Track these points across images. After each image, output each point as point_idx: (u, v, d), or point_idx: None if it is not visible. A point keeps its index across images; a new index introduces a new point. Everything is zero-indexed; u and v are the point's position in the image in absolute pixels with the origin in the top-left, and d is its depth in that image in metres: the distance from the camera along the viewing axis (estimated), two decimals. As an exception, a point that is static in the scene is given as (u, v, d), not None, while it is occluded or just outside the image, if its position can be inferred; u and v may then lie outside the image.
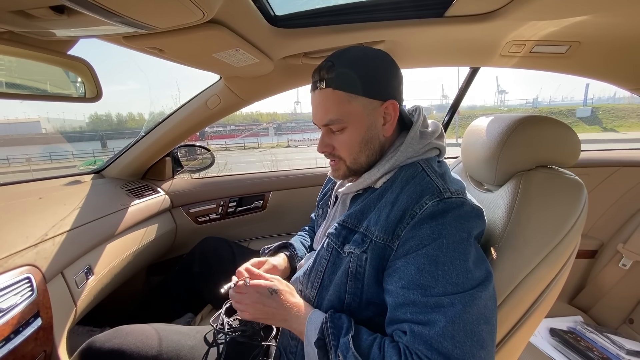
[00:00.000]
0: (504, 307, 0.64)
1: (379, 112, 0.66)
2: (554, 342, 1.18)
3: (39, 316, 0.70)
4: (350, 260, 0.62)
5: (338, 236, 0.66)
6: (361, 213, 0.66)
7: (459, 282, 0.53)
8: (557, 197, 0.68)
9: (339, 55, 0.66)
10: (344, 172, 0.71)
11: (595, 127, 31.85)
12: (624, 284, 1.35)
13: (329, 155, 0.71)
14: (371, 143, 0.67)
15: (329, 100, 0.65)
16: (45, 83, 0.75)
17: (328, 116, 0.66)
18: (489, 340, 0.52)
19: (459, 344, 0.49)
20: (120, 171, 1.35)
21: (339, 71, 0.64)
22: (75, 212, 0.94)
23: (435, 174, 0.63)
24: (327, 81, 0.64)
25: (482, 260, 0.58)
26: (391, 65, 0.67)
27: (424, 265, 0.54)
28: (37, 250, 0.75)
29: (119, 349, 0.69)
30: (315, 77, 0.67)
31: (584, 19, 0.84)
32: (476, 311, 0.52)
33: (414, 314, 0.53)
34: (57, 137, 47.94)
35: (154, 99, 5.57)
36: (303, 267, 0.73)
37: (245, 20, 0.73)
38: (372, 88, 0.64)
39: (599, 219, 1.48)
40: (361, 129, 0.66)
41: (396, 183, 0.64)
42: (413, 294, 0.54)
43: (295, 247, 0.92)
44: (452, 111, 1.61)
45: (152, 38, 0.69)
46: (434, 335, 0.50)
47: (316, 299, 0.66)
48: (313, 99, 0.68)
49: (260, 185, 1.54)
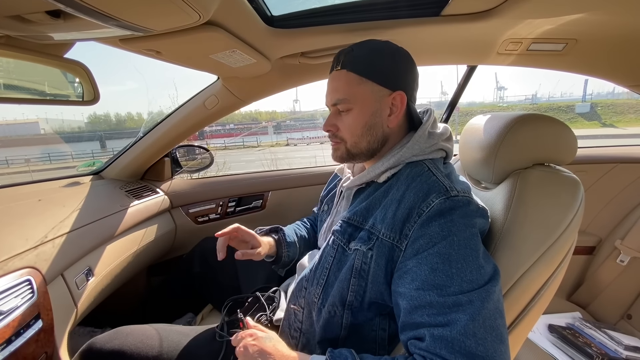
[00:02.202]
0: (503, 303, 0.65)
1: (387, 101, 0.67)
2: (553, 338, 1.19)
3: (40, 318, 0.70)
4: (355, 257, 0.62)
5: (344, 233, 0.66)
6: (367, 210, 0.66)
7: (473, 279, 0.53)
8: (554, 195, 0.69)
9: (361, 43, 0.69)
10: (342, 154, 0.72)
11: (595, 122, 31.81)
12: (621, 280, 1.36)
13: (332, 136, 0.73)
14: (374, 130, 0.68)
15: (341, 80, 0.68)
16: (43, 85, 0.75)
17: (337, 95, 0.68)
18: (505, 334, 0.52)
19: (481, 340, 0.49)
20: (119, 172, 1.35)
21: (356, 55, 0.67)
22: (74, 214, 0.95)
23: (441, 174, 0.63)
24: (342, 63, 0.68)
25: (488, 255, 0.59)
26: (408, 62, 0.70)
27: (437, 264, 0.54)
28: (37, 252, 0.76)
29: (119, 349, 0.69)
30: (335, 61, 0.71)
31: (580, 16, 0.84)
32: (492, 306, 0.52)
33: (431, 316, 0.52)
34: (56, 138, 47.83)
35: (153, 99, 5.55)
36: (309, 265, 0.73)
37: (241, 21, 0.73)
38: (383, 76, 0.66)
39: (597, 216, 1.49)
40: (366, 113, 0.67)
41: (401, 180, 0.64)
42: (429, 295, 0.53)
43: (286, 232, 0.92)
44: (451, 108, 1.62)
45: (148, 40, 0.69)
46: (456, 335, 0.49)
47: (321, 296, 0.66)
48: (328, 81, 0.72)
49: (260, 185, 1.54)
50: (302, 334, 0.70)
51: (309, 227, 1.03)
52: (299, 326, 0.71)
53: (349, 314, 0.63)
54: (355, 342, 0.63)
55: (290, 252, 0.91)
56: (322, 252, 0.70)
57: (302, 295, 0.71)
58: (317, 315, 0.67)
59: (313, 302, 0.67)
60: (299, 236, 0.96)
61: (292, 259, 0.93)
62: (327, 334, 0.65)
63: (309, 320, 0.69)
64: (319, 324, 0.66)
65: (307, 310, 0.70)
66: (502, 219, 0.69)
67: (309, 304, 0.69)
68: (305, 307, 0.70)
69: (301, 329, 0.71)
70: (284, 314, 0.76)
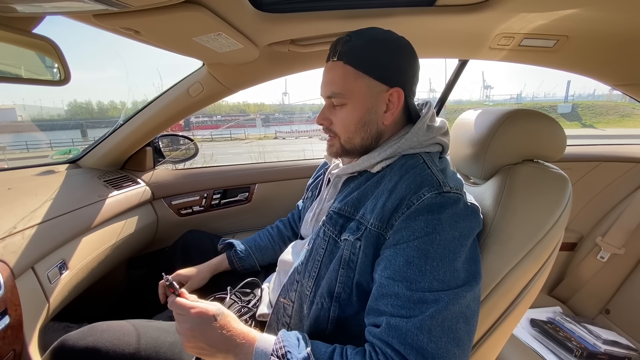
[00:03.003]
0: (490, 300, 0.64)
1: (383, 97, 0.65)
2: (534, 333, 1.21)
3: (7, 314, 0.66)
4: (344, 247, 0.61)
5: (335, 225, 0.65)
6: (358, 201, 0.65)
7: (445, 280, 0.52)
8: (542, 191, 0.69)
9: (360, 32, 0.65)
10: (337, 150, 0.70)
11: (575, 123, 32.86)
12: (601, 275, 1.40)
13: (326, 129, 0.70)
14: (368, 126, 0.67)
15: (337, 73, 0.65)
16: (9, 62, 0.69)
17: (332, 88, 0.66)
18: (465, 340, 0.52)
19: (434, 338, 0.49)
20: (97, 161, 1.29)
21: (354, 46, 0.64)
22: (47, 204, 0.90)
23: (435, 167, 0.62)
24: (339, 54, 0.64)
25: (475, 261, 0.57)
26: (409, 55, 0.67)
27: (413, 258, 0.53)
28: (4, 244, 0.71)
29: (93, 346, 0.66)
30: (331, 50, 0.67)
31: (573, 12, 0.84)
32: (457, 309, 0.51)
33: (395, 307, 0.52)
34: (34, 126, 46.10)
35: (136, 87, 5.31)
36: (300, 258, 0.72)
37: (228, 1, 0.69)
38: (381, 71, 0.64)
39: (580, 213, 1.52)
40: (361, 109, 0.65)
41: (394, 171, 0.63)
42: (398, 286, 0.53)
43: (237, 248, 0.99)
44: (440, 104, 1.61)
45: (125, 17, 0.64)
46: (410, 328, 0.50)
47: (313, 289, 0.65)
48: (324, 71, 0.69)
49: (246, 177, 1.50)
50: (290, 329, 0.69)
51: (274, 233, 1.06)
52: (287, 321, 0.70)
53: (336, 307, 0.62)
54: (342, 338, 0.62)
55: (246, 264, 0.98)
56: (312, 244, 0.69)
57: (295, 288, 0.69)
58: (308, 309, 0.66)
59: (305, 295, 0.66)
60: (257, 247, 1.01)
61: (252, 268, 0.99)
62: (314, 328, 0.64)
63: (299, 315, 0.68)
64: (308, 318, 0.65)
65: (297, 304, 0.68)
66: (491, 215, 0.68)
67: (301, 297, 0.68)
68: (296, 301, 0.69)
69: (289, 323, 0.69)
70: (273, 308, 0.74)
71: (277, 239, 1.04)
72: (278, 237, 1.05)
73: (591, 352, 1.08)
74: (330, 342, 0.58)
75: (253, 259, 0.99)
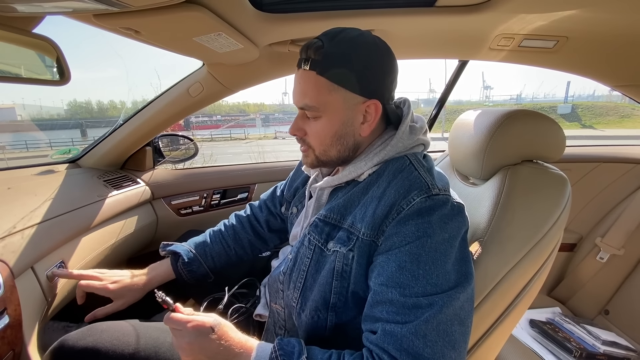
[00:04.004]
0: (488, 301, 0.64)
1: (360, 109, 0.61)
2: (533, 333, 1.21)
3: (6, 314, 0.65)
4: (336, 260, 0.59)
5: (321, 233, 0.63)
6: (344, 208, 0.63)
7: (438, 283, 0.52)
8: (542, 191, 0.69)
9: (333, 36, 0.59)
10: (312, 161, 0.67)
11: (575, 123, 32.88)
12: (600, 276, 1.40)
13: (300, 140, 0.67)
14: (344, 139, 0.63)
15: (309, 84, 0.60)
16: (10, 61, 0.69)
17: (304, 100, 0.62)
18: (461, 342, 0.52)
19: (430, 343, 0.49)
20: (97, 161, 1.29)
21: (327, 55, 0.58)
22: (47, 204, 0.90)
23: (423, 169, 0.61)
24: (312, 63, 0.59)
25: (465, 262, 0.56)
26: (386, 59, 0.62)
27: (405, 263, 0.53)
28: (3, 244, 0.71)
29: (93, 347, 0.66)
30: (302, 55, 0.61)
31: (573, 13, 0.84)
32: (451, 312, 0.51)
33: (390, 314, 0.52)
34: (33, 125, 46.06)
35: (134, 86, 5.32)
36: (280, 266, 0.70)
37: (228, 1, 0.69)
38: (358, 82, 0.59)
39: (579, 213, 1.52)
40: (336, 122, 0.62)
41: (382, 177, 0.62)
42: (392, 292, 0.53)
43: (183, 254, 0.88)
44: (440, 105, 1.61)
45: (125, 17, 0.64)
46: (406, 334, 0.49)
47: (299, 301, 0.64)
48: (295, 77, 0.64)
49: (246, 177, 1.50)
50: (287, 332, 0.69)
51: (229, 235, 0.94)
52: (283, 324, 0.70)
53: (333, 315, 0.61)
54: (341, 341, 0.62)
55: (197, 275, 0.88)
56: (296, 253, 0.67)
57: (280, 297, 0.69)
58: (298, 319, 0.65)
59: (292, 306, 0.65)
60: (208, 254, 0.90)
61: (204, 279, 0.90)
62: (312, 334, 0.64)
63: (291, 320, 0.68)
64: (301, 327, 0.65)
65: (287, 311, 0.68)
66: (490, 215, 0.68)
67: (288, 306, 0.67)
68: (285, 308, 0.68)
69: (285, 327, 0.69)
70: (269, 312, 0.74)
71: (231, 243, 0.93)
72: (233, 240, 0.94)
73: (590, 353, 1.09)
74: (330, 346, 0.58)
75: (204, 268, 0.89)
